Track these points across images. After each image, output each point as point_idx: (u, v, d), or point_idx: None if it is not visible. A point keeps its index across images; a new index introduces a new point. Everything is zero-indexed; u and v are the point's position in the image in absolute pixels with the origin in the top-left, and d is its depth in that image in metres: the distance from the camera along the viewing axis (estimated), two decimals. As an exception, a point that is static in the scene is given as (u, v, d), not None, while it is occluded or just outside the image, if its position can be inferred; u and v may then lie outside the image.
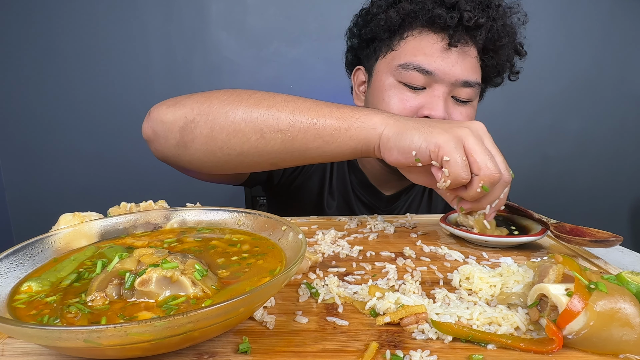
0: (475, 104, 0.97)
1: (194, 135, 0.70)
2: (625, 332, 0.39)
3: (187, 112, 0.71)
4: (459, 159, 0.61)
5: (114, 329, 0.31)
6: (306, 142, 0.68)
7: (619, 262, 0.67)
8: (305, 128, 0.68)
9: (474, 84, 0.91)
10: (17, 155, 2.16)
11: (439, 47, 0.89)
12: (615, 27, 2.14)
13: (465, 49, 0.90)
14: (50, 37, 2.02)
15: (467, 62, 0.90)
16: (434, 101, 0.89)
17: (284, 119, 0.68)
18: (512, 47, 0.98)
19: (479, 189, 0.62)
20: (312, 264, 0.61)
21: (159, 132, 0.74)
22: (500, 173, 0.61)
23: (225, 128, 0.69)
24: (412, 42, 0.92)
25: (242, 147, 0.69)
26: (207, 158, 0.72)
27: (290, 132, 0.68)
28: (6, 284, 0.44)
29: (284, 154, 0.70)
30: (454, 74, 0.89)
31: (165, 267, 0.42)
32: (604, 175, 2.31)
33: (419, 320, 0.44)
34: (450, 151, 0.61)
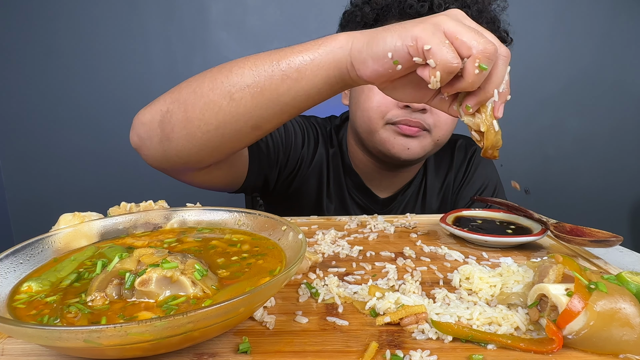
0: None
1: (172, 124, 0.69)
2: (625, 332, 0.39)
3: (161, 105, 0.71)
4: (442, 41, 0.52)
5: (114, 329, 0.31)
6: (276, 88, 0.63)
7: (619, 262, 0.67)
8: (270, 74, 0.63)
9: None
10: (17, 155, 2.16)
11: None
12: (615, 27, 2.14)
13: None
14: (50, 37, 2.02)
15: None
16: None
17: (247, 73, 0.64)
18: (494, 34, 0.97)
19: (476, 70, 0.51)
20: (312, 264, 0.61)
21: (142, 135, 0.74)
22: (493, 45, 0.52)
23: (196, 104, 0.66)
24: None
25: (217, 117, 0.66)
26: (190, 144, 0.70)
27: (256, 83, 0.64)
28: (6, 284, 0.44)
29: (259, 109, 0.65)
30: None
31: (165, 267, 0.42)
32: (604, 175, 2.31)
33: (419, 320, 0.44)
34: (429, 38, 0.52)
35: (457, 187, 1.15)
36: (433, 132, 0.94)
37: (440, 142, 0.98)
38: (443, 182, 1.15)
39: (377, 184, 1.10)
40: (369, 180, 1.09)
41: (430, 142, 0.96)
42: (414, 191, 1.13)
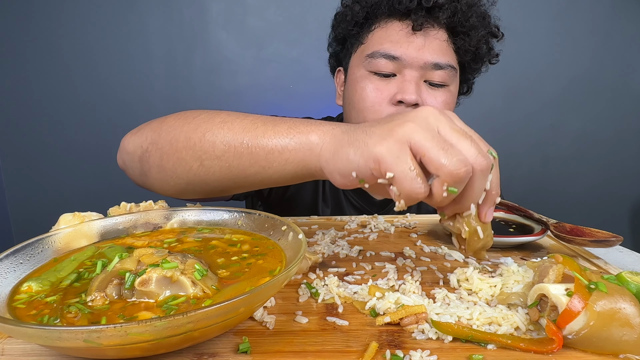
0: (452, 90, 0.95)
1: (150, 165, 0.69)
2: (625, 332, 0.39)
3: (142, 141, 0.70)
4: (406, 170, 0.45)
5: (114, 329, 0.31)
6: (243, 169, 0.61)
7: (619, 262, 0.67)
8: (239, 153, 0.60)
9: (446, 66, 0.90)
10: (17, 155, 2.16)
11: (405, 32, 0.90)
12: (615, 27, 2.14)
13: (431, 32, 0.91)
14: (50, 37, 2.02)
15: (436, 45, 0.90)
16: (405, 85, 0.89)
17: (219, 145, 0.61)
18: (485, 29, 0.96)
19: (444, 193, 0.46)
20: (312, 264, 0.61)
21: (126, 162, 0.74)
22: (464, 165, 0.45)
23: (171, 157, 0.65)
24: (378, 33, 0.93)
25: (187, 175, 0.65)
26: (165, 186, 0.69)
27: (225, 158, 0.61)
28: (6, 284, 0.44)
29: (227, 181, 0.63)
30: (422, 57, 0.89)
31: (165, 267, 0.42)
32: (604, 175, 2.31)
33: (419, 320, 0.44)
34: (392, 164, 0.46)
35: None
36: None
37: None
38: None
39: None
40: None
41: None
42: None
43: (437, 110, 0.50)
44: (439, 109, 0.51)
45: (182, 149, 0.64)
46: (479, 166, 0.47)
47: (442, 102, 0.92)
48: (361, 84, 0.93)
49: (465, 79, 1.05)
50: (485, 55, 1.00)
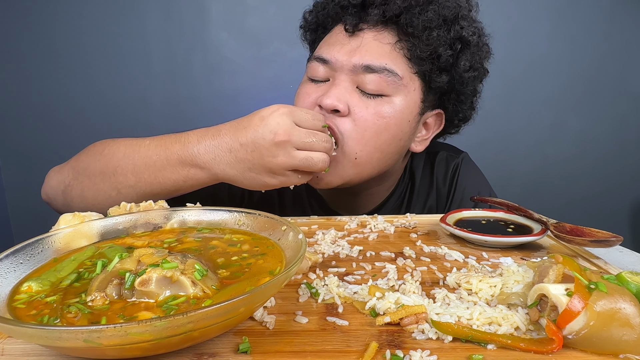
0: (397, 102, 0.81)
1: (72, 197, 0.78)
2: (625, 332, 0.39)
3: (64, 177, 0.81)
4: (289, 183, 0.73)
5: (114, 329, 0.31)
6: (157, 194, 0.75)
7: (619, 262, 0.67)
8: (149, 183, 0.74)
9: (380, 69, 0.79)
10: (17, 155, 2.16)
11: (343, 35, 0.84)
12: (615, 27, 2.14)
13: (370, 34, 0.82)
14: (50, 37, 2.02)
15: (373, 47, 0.80)
16: (329, 89, 0.81)
17: (130, 176, 0.74)
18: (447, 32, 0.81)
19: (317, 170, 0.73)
20: (312, 264, 0.61)
21: (49, 195, 0.84)
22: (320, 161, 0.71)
23: (90, 189, 0.76)
24: (324, 38, 0.90)
25: (107, 201, 0.74)
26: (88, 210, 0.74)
27: (138, 187, 0.74)
28: (6, 284, 0.44)
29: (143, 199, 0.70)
30: (352, 60, 0.80)
31: (165, 267, 0.42)
32: (604, 175, 2.31)
33: (419, 320, 0.44)
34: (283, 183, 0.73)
35: (444, 206, 1.01)
36: (348, 145, 0.80)
37: (360, 162, 0.82)
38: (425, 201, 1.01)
39: (343, 207, 0.99)
40: (336, 205, 1.00)
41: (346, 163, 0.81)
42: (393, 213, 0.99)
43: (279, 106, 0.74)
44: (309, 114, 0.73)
45: (100, 181, 0.76)
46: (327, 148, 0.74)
47: (374, 113, 0.80)
48: (299, 89, 0.90)
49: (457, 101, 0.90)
50: (449, 65, 0.83)
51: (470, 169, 1.04)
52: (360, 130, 0.80)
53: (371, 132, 0.81)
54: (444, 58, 0.82)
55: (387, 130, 0.82)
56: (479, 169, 1.07)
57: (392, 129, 0.82)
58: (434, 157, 1.03)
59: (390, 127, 0.82)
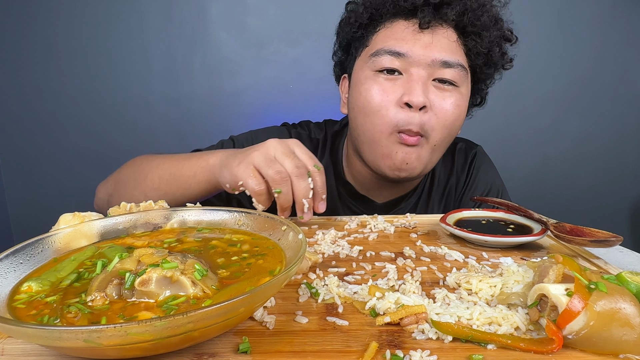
0: (464, 92, 0.91)
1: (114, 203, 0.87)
2: (625, 332, 0.39)
3: (108, 188, 0.98)
4: (249, 177, 0.73)
5: (114, 329, 0.31)
6: (174, 192, 0.87)
7: (619, 262, 0.67)
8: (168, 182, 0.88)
9: (455, 64, 0.87)
10: (17, 155, 2.16)
11: (411, 30, 0.88)
12: (615, 27, 2.14)
13: (440, 30, 0.88)
14: (50, 37, 2.02)
15: (444, 43, 0.87)
16: (412, 86, 0.85)
17: (156, 180, 0.89)
18: (497, 31, 0.92)
19: (275, 194, 0.72)
20: (312, 264, 0.61)
21: (100, 207, 0.99)
22: (278, 173, 0.70)
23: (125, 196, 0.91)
24: (383, 33, 0.91)
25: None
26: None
27: (161, 189, 0.88)
28: (6, 284, 0.44)
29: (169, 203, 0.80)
30: (429, 55, 0.85)
31: (165, 267, 0.42)
32: (604, 175, 2.31)
33: (419, 320, 0.44)
34: (242, 176, 0.73)
35: (460, 192, 1.11)
36: (431, 135, 0.89)
37: (437, 147, 0.92)
38: (445, 187, 1.11)
39: (376, 193, 1.05)
40: (366, 190, 1.05)
41: (428, 150, 0.90)
42: (418, 198, 1.08)
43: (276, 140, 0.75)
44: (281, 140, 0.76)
45: (132, 189, 0.92)
46: (294, 173, 0.72)
47: (451, 104, 0.88)
48: (366, 85, 0.89)
49: (478, 88, 1.00)
50: (499, 59, 0.95)
51: (486, 158, 1.15)
52: (441, 121, 0.88)
53: (450, 121, 0.89)
54: (495, 53, 0.93)
55: (459, 117, 0.92)
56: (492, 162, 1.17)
57: (462, 116, 0.93)
58: (453, 147, 1.12)
59: (461, 115, 0.92)
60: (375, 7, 0.91)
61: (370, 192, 1.05)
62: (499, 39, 0.93)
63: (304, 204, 0.72)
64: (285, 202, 0.72)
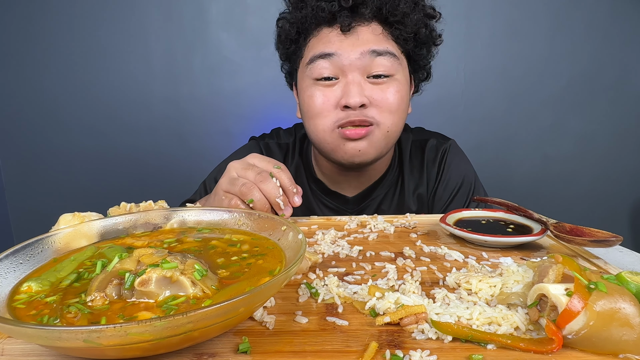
0: (400, 79, 0.94)
1: None
2: (625, 332, 0.39)
3: None
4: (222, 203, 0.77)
5: (114, 329, 0.31)
6: None
7: (619, 262, 0.67)
8: None
9: (384, 52, 0.90)
10: (17, 155, 2.16)
11: (335, 34, 0.92)
12: (615, 27, 2.14)
13: (362, 29, 0.91)
14: (50, 37, 2.02)
15: (369, 37, 0.91)
16: (348, 88, 0.89)
17: None
18: (419, 13, 0.95)
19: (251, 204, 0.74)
20: (312, 264, 0.61)
21: None
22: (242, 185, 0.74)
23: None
24: (312, 42, 0.96)
25: None
26: None
27: None
28: (6, 284, 0.44)
29: None
30: (358, 49, 0.89)
31: (165, 267, 0.42)
32: (604, 175, 2.31)
33: (419, 320, 0.44)
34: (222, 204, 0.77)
35: (433, 188, 1.13)
36: (380, 124, 0.93)
37: (391, 133, 0.96)
38: (417, 182, 1.13)
39: (345, 186, 1.10)
40: (335, 184, 1.10)
41: (381, 136, 0.94)
42: (388, 190, 1.11)
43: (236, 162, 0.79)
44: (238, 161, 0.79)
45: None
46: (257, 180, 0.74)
47: (390, 92, 0.92)
48: (308, 92, 0.95)
49: (418, 66, 1.04)
50: (428, 38, 0.99)
51: (457, 151, 1.16)
52: (385, 110, 0.92)
53: (394, 107, 0.93)
54: (422, 34, 0.97)
55: (403, 101, 0.95)
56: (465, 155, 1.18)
57: (405, 99, 0.96)
58: (424, 144, 1.14)
59: (404, 98, 0.96)
60: (300, 21, 0.96)
61: (340, 185, 1.10)
62: (423, 19, 0.96)
63: (279, 202, 0.74)
64: (261, 206, 0.74)
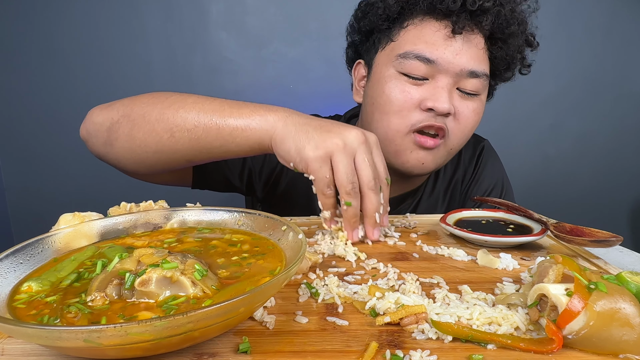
0: (483, 99, 0.92)
1: (117, 135, 0.77)
2: (625, 332, 0.39)
3: (113, 114, 0.79)
4: (322, 177, 0.64)
5: (114, 329, 0.31)
6: (210, 141, 0.73)
7: (619, 262, 0.67)
8: (207, 128, 0.72)
9: (482, 74, 0.87)
10: (17, 155, 2.16)
11: (442, 34, 0.85)
12: (615, 27, 2.14)
13: (470, 37, 0.86)
14: (50, 37, 2.02)
15: (473, 51, 0.86)
16: (437, 92, 0.84)
17: (190, 119, 0.72)
18: (522, 37, 0.92)
19: (344, 206, 0.65)
20: (312, 264, 0.61)
21: (90, 132, 0.83)
22: (350, 183, 0.63)
23: (142, 128, 0.74)
24: (412, 31, 0.87)
25: (157, 145, 0.74)
26: (129, 155, 0.78)
27: (195, 131, 0.72)
28: (6, 284, 0.44)
29: (194, 151, 0.73)
30: (458, 63, 0.84)
31: (165, 267, 0.42)
32: (604, 174, 2.31)
33: (419, 320, 0.44)
34: (315, 170, 0.64)
35: (466, 185, 1.11)
36: (449, 139, 0.90)
37: (453, 151, 0.93)
38: (450, 180, 1.10)
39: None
40: None
41: (444, 153, 0.92)
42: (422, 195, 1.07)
43: (362, 136, 0.65)
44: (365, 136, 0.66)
45: (155, 121, 0.73)
46: (370, 187, 0.65)
47: (472, 110, 0.90)
48: (389, 84, 0.88)
49: (491, 86, 1.01)
50: (518, 64, 0.96)
51: (492, 152, 1.17)
52: (462, 127, 0.90)
53: (469, 127, 0.92)
54: (516, 59, 0.94)
55: (477, 123, 0.93)
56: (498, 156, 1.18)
57: (478, 122, 0.94)
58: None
59: (479, 120, 0.94)
60: (407, 2, 0.88)
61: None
62: (523, 45, 0.94)
63: (376, 218, 0.66)
64: (353, 216, 0.65)
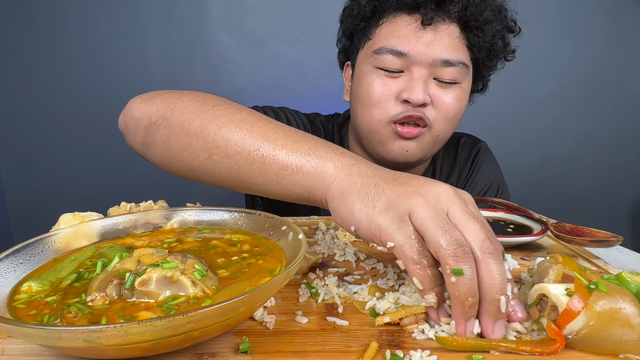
0: (465, 87, 0.93)
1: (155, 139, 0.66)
2: (625, 332, 0.39)
3: (152, 112, 0.66)
4: (405, 239, 0.43)
5: (114, 329, 0.31)
6: (251, 176, 0.57)
7: (619, 262, 0.67)
8: (251, 159, 0.56)
9: (457, 62, 0.88)
10: (17, 155, 2.16)
11: (413, 27, 0.88)
12: (615, 27, 2.14)
13: (442, 27, 0.87)
14: (50, 37, 2.02)
15: (446, 41, 0.87)
16: (412, 84, 0.87)
17: (233, 143, 0.58)
18: (500, 23, 0.92)
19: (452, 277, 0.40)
20: (312, 264, 0.61)
21: (129, 127, 0.71)
22: (459, 244, 0.41)
23: (179, 139, 0.62)
24: (386, 28, 0.91)
25: (193, 163, 0.63)
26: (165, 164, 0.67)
27: (236, 159, 0.58)
28: (6, 284, 0.44)
29: (231, 181, 0.61)
30: (431, 54, 0.86)
31: (165, 267, 0.42)
32: (604, 175, 2.31)
33: (419, 320, 0.44)
34: (392, 234, 0.44)
35: (461, 186, 1.12)
36: (433, 127, 0.91)
37: (439, 138, 0.94)
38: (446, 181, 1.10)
39: None
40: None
41: (430, 140, 0.93)
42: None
43: (452, 190, 0.47)
44: (454, 190, 0.47)
45: (194, 135, 0.60)
46: (487, 249, 0.42)
47: (453, 98, 0.90)
48: (367, 79, 0.91)
49: (480, 76, 1.01)
50: (501, 51, 0.96)
51: (489, 154, 1.17)
52: (444, 115, 0.91)
53: (452, 114, 0.92)
54: (498, 46, 0.93)
55: (461, 110, 0.94)
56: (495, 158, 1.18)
57: (463, 108, 0.95)
58: (457, 141, 1.15)
59: (463, 107, 0.94)
60: (378, 0, 0.91)
61: None
62: (502, 31, 0.93)
63: (500, 302, 0.41)
64: (469, 291, 0.41)
